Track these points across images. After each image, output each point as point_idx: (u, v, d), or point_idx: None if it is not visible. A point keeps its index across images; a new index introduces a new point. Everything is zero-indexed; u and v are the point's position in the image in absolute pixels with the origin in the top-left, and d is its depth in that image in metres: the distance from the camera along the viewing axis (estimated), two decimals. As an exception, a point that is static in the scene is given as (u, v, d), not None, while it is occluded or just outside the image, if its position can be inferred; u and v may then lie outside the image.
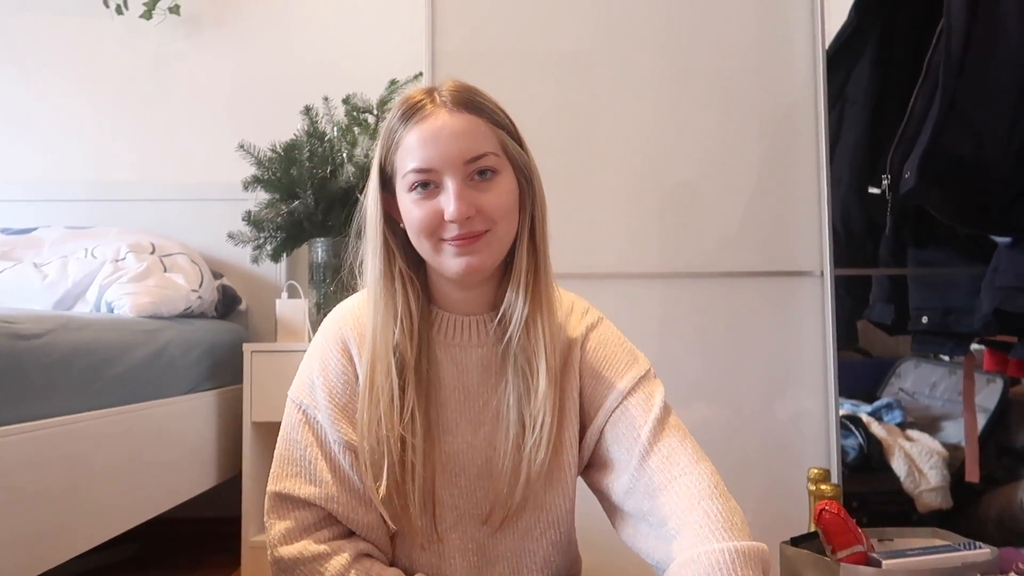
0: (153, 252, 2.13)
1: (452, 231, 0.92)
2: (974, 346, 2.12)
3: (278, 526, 0.96)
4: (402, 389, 0.95)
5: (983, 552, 1.16)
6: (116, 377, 1.57)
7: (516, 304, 0.97)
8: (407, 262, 0.98)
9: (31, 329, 1.30)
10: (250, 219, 2.19)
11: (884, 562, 1.10)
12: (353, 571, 0.94)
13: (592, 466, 1.04)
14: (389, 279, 0.97)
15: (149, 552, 2.25)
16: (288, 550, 0.94)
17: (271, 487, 0.97)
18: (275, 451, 1.00)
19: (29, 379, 1.28)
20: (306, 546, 0.94)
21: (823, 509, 1.14)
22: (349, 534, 0.98)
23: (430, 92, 0.95)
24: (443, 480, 0.99)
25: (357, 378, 0.97)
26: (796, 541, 1.23)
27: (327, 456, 0.97)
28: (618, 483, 0.98)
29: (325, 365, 0.99)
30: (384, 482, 0.94)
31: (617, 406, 0.99)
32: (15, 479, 1.22)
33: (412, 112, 0.93)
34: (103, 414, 1.49)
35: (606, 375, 1.01)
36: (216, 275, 2.33)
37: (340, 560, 0.94)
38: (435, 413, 0.99)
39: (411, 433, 0.95)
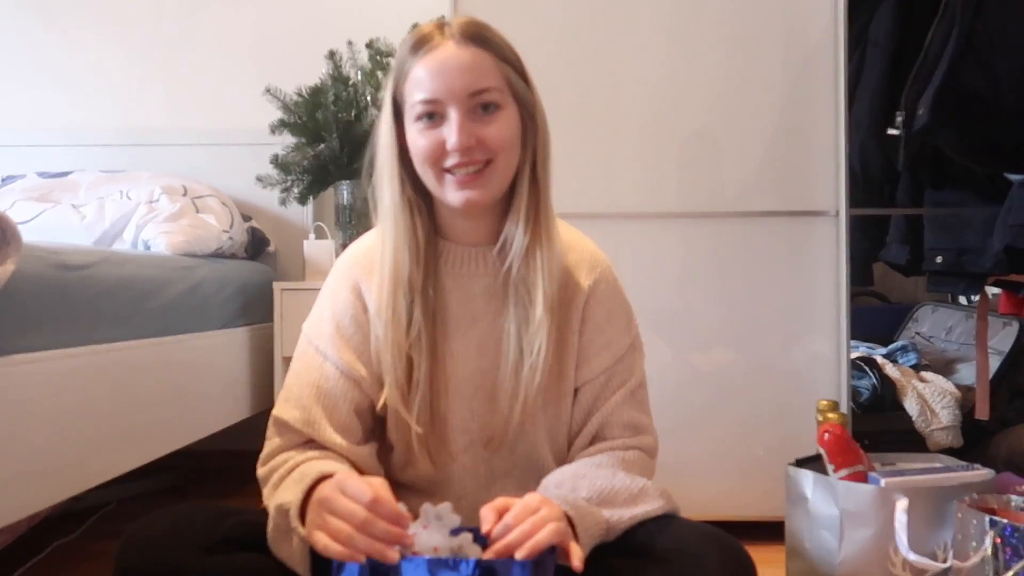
0: (185, 194, 2.20)
1: (454, 159, 0.96)
2: (992, 290, 2.14)
3: (267, 445, 1.03)
4: (409, 311, 1.01)
5: (980, 473, 1.21)
6: (155, 310, 1.65)
7: (516, 235, 1.01)
8: (416, 191, 1.03)
9: (77, 261, 1.38)
10: (277, 162, 2.24)
11: (883, 480, 1.16)
12: (311, 458, 0.98)
13: None
14: (400, 205, 1.02)
15: (187, 481, 2.37)
16: (263, 469, 1.01)
17: (273, 411, 1.05)
18: None
19: (76, 307, 1.36)
20: (280, 458, 1.00)
21: (826, 431, 1.20)
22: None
23: (440, 26, 0.99)
24: (454, 404, 1.05)
25: (366, 313, 1.04)
26: (801, 463, 1.29)
27: (317, 384, 1.02)
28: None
29: (335, 301, 1.06)
30: (387, 392, 1.00)
31: (606, 368, 1.07)
32: (64, 399, 1.31)
33: (421, 44, 0.98)
34: (143, 344, 1.58)
35: (607, 331, 1.07)
36: (245, 218, 2.40)
37: (302, 456, 0.99)
38: (442, 339, 1.05)
39: (417, 351, 1.01)
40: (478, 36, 0.98)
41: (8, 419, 1.15)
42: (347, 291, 1.06)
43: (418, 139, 0.98)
